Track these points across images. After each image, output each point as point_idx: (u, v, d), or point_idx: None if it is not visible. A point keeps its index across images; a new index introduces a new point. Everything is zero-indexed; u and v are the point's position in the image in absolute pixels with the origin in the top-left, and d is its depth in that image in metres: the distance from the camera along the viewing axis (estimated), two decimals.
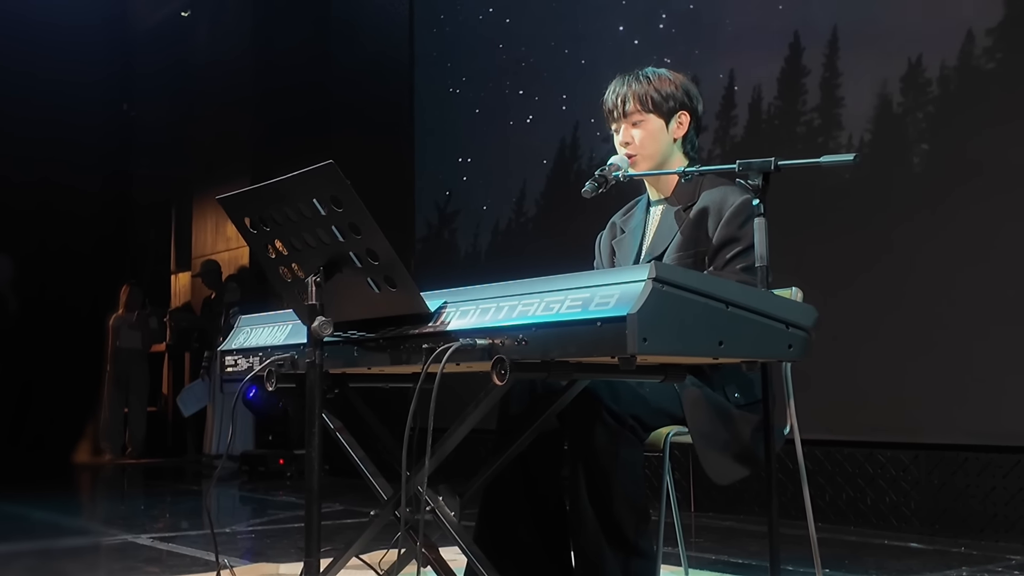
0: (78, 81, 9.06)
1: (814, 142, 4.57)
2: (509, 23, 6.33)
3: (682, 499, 4.70)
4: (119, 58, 10.18)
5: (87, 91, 9.40)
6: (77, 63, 9.00)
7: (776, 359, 1.87)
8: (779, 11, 4.77)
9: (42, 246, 8.66)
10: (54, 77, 8.91)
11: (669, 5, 5.26)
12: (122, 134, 10.53)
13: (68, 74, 8.95)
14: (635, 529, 2.13)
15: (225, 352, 2.40)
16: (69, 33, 9.02)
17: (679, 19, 5.20)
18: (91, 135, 9.47)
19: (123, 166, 10.44)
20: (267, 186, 1.94)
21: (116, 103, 10.41)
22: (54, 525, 4.78)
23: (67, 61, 8.96)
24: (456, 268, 6.47)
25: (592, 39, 5.62)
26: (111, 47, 9.77)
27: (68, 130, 8.87)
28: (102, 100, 9.65)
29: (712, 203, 2.36)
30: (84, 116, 9.28)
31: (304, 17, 8.41)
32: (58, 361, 8.79)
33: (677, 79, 2.50)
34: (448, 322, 1.82)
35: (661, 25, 5.28)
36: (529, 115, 6.09)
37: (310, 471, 1.93)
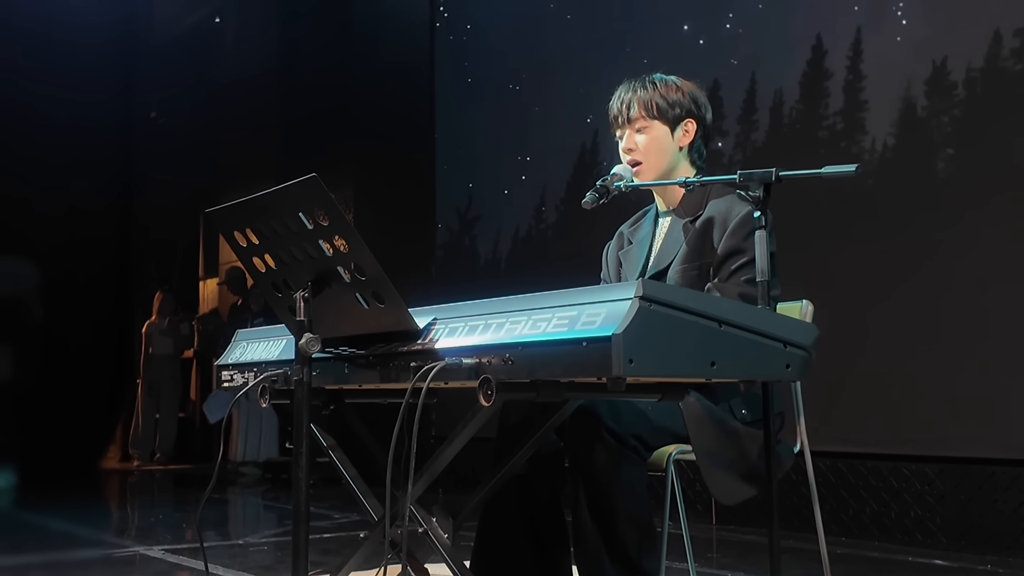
0: (106, 88, 9.13)
1: (836, 147, 4.48)
2: (527, 31, 6.28)
3: (703, 512, 4.66)
4: (147, 66, 10.25)
5: (115, 98, 9.46)
6: (104, 70, 9.06)
7: (773, 379, 1.80)
8: (800, 13, 4.67)
9: (70, 252, 8.71)
10: (81, 84, 8.97)
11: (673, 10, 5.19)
12: (150, 141, 10.59)
13: (95, 81, 9.02)
14: (639, 548, 2.07)
15: (221, 367, 2.37)
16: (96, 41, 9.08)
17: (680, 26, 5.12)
18: (119, 142, 9.54)
19: (151, 173, 10.50)
20: (253, 199, 1.90)
21: (144, 111, 10.48)
22: (69, 535, 4.78)
23: (95, 68, 9.02)
24: (476, 275, 6.43)
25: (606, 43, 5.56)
26: (138, 55, 9.83)
27: (95, 136, 8.94)
28: (130, 108, 9.71)
29: (718, 213, 2.29)
30: (112, 123, 9.34)
31: (327, 29, 8.43)
32: (86, 367, 8.84)
33: (685, 86, 2.43)
34: (437, 340, 1.78)
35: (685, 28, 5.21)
36: (549, 122, 6.03)
37: (297, 490, 1.88)
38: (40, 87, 8.65)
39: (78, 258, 8.79)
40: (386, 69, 7.60)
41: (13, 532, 5.22)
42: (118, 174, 9.39)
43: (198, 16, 10.63)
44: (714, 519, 4.62)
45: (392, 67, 7.55)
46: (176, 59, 10.64)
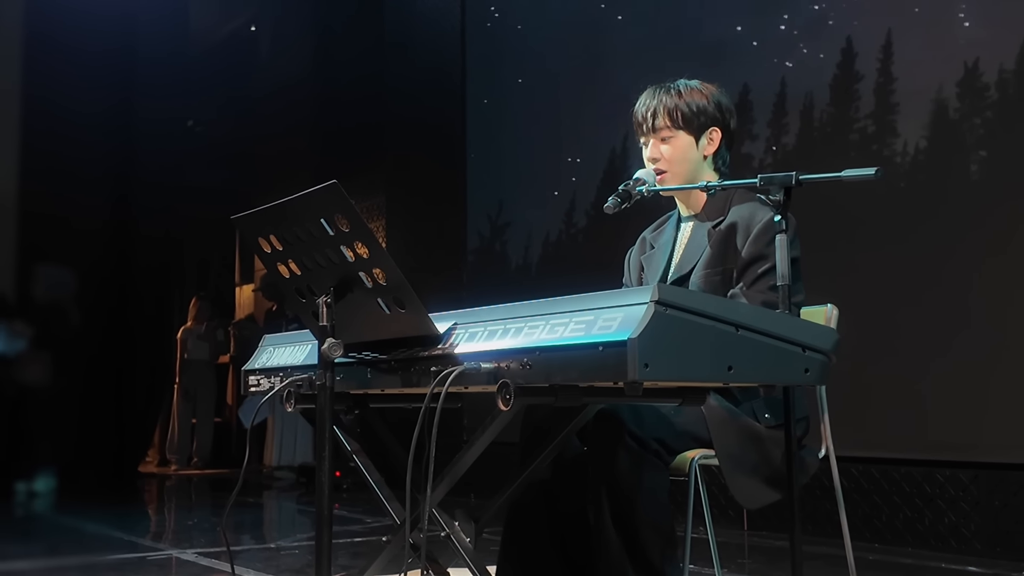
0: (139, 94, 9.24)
1: (868, 150, 4.44)
2: (558, 38, 6.29)
3: (735, 518, 4.63)
4: (183, 75, 10.37)
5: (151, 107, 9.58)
6: (142, 79, 9.18)
7: (791, 384, 1.79)
8: (830, 15, 4.64)
9: (106, 259, 8.83)
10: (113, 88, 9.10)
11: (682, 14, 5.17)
12: (187, 150, 10.72)
13: (129, 85, 9.13)
14: (661, 554, 2.07)
15: (248, 372, 2.39)
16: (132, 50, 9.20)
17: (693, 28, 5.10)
18: (156, 150, 9.65)
19: (188, 181, 10.63)
20: (277, 206, 1.92)
21: (181, 119, 10.60)
22: (105, 538, 4.84)
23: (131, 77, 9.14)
24: (507, 280, 6.44)
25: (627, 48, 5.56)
26: (175, 65, 9.94)
27: (131, 144, 9.05)
28: (167, 116, 9.83)
29: (741, 219, 2.28)
30: (149, 131, 9.46)
31: (361, 38, 8.49)
32: (124, 372, 8.95)
33: (709, 92, 2.42)
34: (457, 344, 1.79)
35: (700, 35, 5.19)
36: (579, 127, 6.04)
37: (320, 495, 1.90)
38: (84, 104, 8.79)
39: (116, 265, 8.90)
40: (418, 77, 7.64)
41: (51, 535, 5.31)
42: (156, 181, 9.50)
43: (234, 25, 10.75)
44: (745, 525, 4.59)
45: (424, 75, 7.59)
46: (213, 69, 10.77)
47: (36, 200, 8.43)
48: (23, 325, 7.52)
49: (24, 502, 6.98)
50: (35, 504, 6.93)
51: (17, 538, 5.22)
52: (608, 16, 5.90)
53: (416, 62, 7.70)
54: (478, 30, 7.01)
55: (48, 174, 8.51)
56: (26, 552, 4.45)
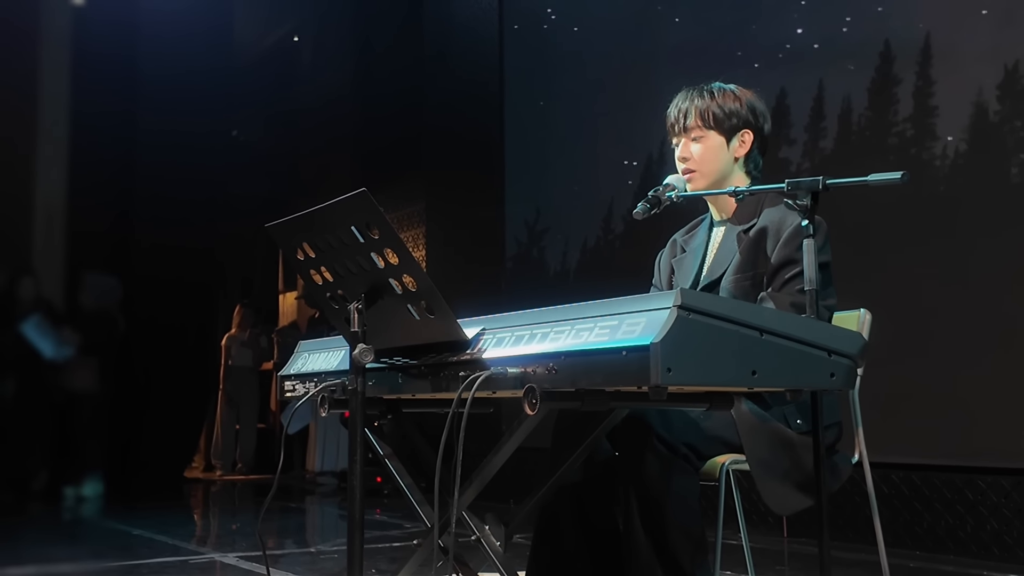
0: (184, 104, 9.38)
1: (907, 153, 4.40)
2: (594, 42, 6.30)
3: (774, 524, 4.60)
4: (227, 86, 10.52)
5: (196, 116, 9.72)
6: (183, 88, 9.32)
7: (817, 388, 1.79)
8: (869, 19, 4.61)
9: (151, 267, 8.98)
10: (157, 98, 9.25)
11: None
12: (231, 159, 10.87)
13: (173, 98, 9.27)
14: (691, 559, 2.07)
15: (284, 377, 2.43)
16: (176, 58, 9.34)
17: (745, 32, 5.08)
18: (200, 161, 9.79)
19: (232, 189, 10.77)
20: (308, 214, 1.96)
21: (225, 130, 10.75)
22: (148, 541, 4.92)
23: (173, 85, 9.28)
24: (545, 286, 6.45)
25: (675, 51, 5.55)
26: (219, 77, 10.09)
27: (176, 155, 9.19)
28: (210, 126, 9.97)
29: (771, 223, 2.28)
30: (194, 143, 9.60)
31: (400, 46, 8.57)
32: (169, 379, 9.09)
33: (743, 96, 2.42)
34: (484, 349, 1.81)
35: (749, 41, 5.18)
36: (616, 133, 6.04)
37: (352, 499, 1.93)
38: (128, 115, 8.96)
39: (161, 273, 9.05)
40: (457, 85, 7.70)
41: (97, 539, 5.40)
42: (200, 190, 9.64)
43: (277, 35, 10.90)
44: (785, 531, 4.57)
45: (463, 83, 7.64)
46: (255, 79, 10.92)
47: (84, 210, 8.61)
48: (71, 332, 7.66)
49: (72, 506, 7.11)
50: (83, 508, 7.05)
51: (64, 541, 5.32)
52: (645, 22, 5.90)
53: (455, 70, 7.75)
54: (516, 38, 7.04)
55: (95, 185, 8.68)
56: (71, 555, 4.54)
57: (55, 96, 9.00)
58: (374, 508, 6.50)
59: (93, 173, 8.68)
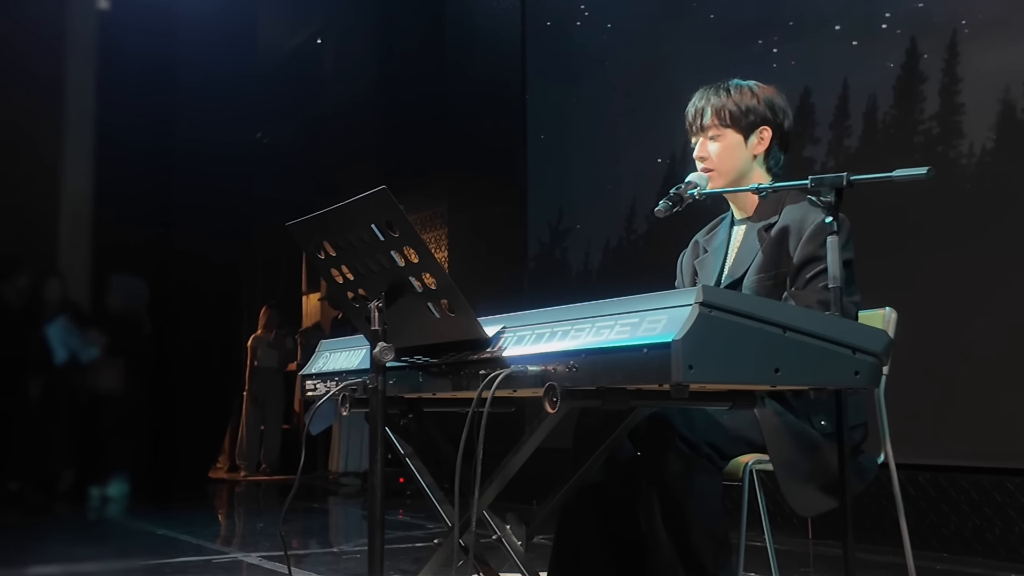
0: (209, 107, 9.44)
1: (933, 151, 4.35)
2: (616, 43, 6.29)
3: (799, 526, 4.56)
4: (250, 89, 10.58)
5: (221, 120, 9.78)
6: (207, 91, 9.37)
7: (841, 386, 1.76)
8: (895, 16, 4.57)
9: (176, 269, 9.04)
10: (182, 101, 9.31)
11: None
12: (255, 161, 10.93)
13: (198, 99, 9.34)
14: (714, 559, 2.05)
15: (305, 376, 2.43)
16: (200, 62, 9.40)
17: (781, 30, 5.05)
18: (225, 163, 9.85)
19: (255, 192, 10.83)
20: (329, 212, 1.95)
21: (249, 132, 10.81)
22: (174, 542, 4.95)
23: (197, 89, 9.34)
24: (568, 286, 6.44)
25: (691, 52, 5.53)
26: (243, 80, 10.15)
27: (200, 156, 9.25)
28: (235, 130, 10.03)
29: (793, 221, 2.25)
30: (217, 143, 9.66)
31: (422, 47, 8.59)
32: (194, 380, 9.14)
33: (761, 93, 2.39)
34: (505, 348, 1.80)
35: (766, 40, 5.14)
36: (638, 133, 6.02)
37: (373, 498, 1.92)
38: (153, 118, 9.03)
39: (187, 275, 9.11)
40: (479, 86, 7.70)
41: (122, 539, 5.44)
42: (224, 192, 9.70)
43: (300, 40, 10.94)
44: (810, 533, 4.53)
45: (485, 84, 7.64)
46: (279, 81, 10.97)
47: (110, 212, 8.68)
48: (97, 334, 7.72)
49: (97, 506, 7.16)
50: (108, 508, 7.10)
51: (89, 541, 5.35)
52: (667, 22, 5.88)
53: (478, 72, 7.75)
54: (538, 40, 7.03)
55: (120, 187, 8.74)
56: (96, 554, 4.57)
57: (81, 100, 9.08)
58: (396, 509, 6.51)
59: (119, 176, 8.74)
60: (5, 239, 8.27)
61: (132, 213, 8.75)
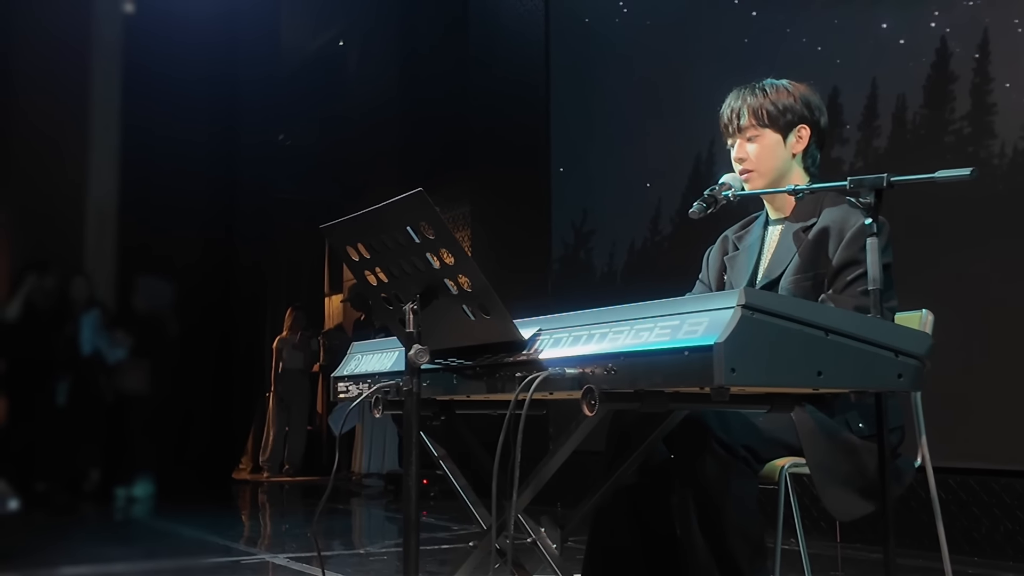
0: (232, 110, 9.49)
1: (963, 152, 4.31)
2: (641, 42, 6.26)
3: (827, 529, 4.53)
4: (274, 92, 10.63)
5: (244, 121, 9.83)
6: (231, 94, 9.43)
7: (884, 389, 1.74)
8: (924, 16, 4.53)
9: (200, 271, 9.08)
10: (207, 105, 9.36)
11: None
12: (277, 163, 10.97)
13: (222, 102, 9.39)
14: (750, 563, 2.03)
15: (337, 379, 2.43)
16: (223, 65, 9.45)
17: None
18: (247, 163, 9.90)
19: (279, 194, 10.88)
20: (364, 215, 1.95)
21: (272, 135, 10.85)
22: (200, 542, 4.97)
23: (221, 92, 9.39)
24: (592, 288, 6.42)
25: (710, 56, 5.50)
26: (266, 82, 10.20)
27: (224, 157, 9.29)
28: (258, 130, 10.08)
29: (833, 223, 2.23)
30: (240, 145, 9.70)
31: (446, 48, 8.59)
32: (220, 381, 9.19)
33: (796, 91, 2.37)
34: (541, 350, 1.79)
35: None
36: (664, 133, 5.99)
37: (407, 500, 1.92)
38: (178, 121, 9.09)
39: (211, 277, 9.16)
40: (503, 87, 7.69)
41: (149, 539, 5.46)
42: (247, 195, 9.75)
43: (322, 43, 10.97)
44: (838, 536, 4.49)
45: (509, 85, 7.63)
46: (301, 84, 11.00)
47: (136, 214, 8.74)
48: (124, 335, 7.77)
49: (123, 506, 7.20)
50: (134, 508, 7.14)
51: (117, 541, 5.38)
52: (691, 22, 5.86)
53: (501, 73, 7.74)
54: (562, 40, 7.02)
55: (145, 189, 8.80)
56: (126, 555, 4.60)
57: (106, 102, 9.15)
58: (420, 510, 6.50)
59: (144, 179, 8.80)
60: (32, 241, 8.34)
61: (156, 215, 8.80)
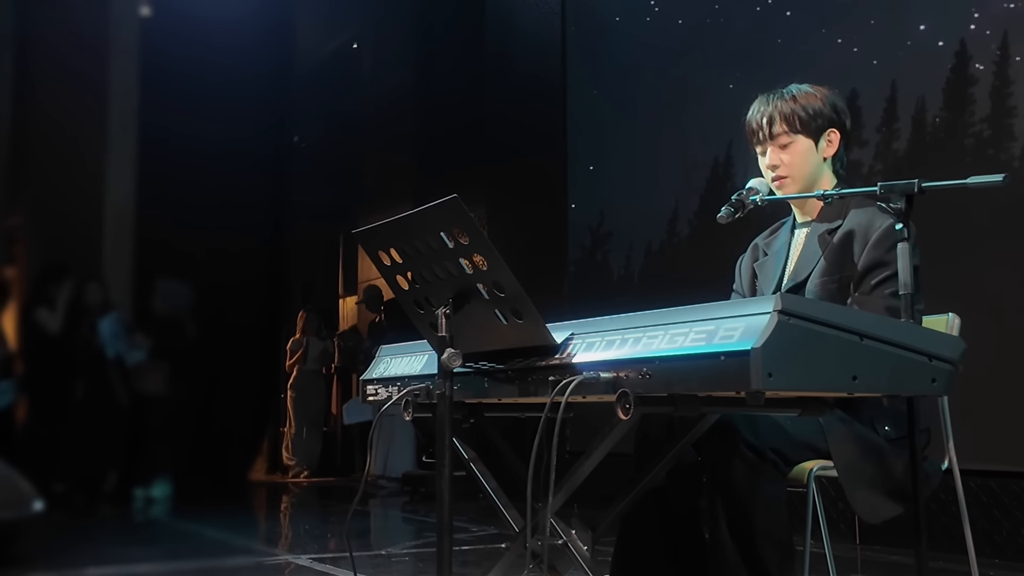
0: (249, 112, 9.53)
1: (983, 155, 4.31)
2: (659, 42, 6.27)
3: (846, 531, 4.53)
4: (288, 92, 10.67)
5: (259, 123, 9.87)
6: (247, 96, 9.47)
7: (917, 394, 1.76)
8: (943, 18, 4.53)
9: (216, 274, 9.13)
10: (224, 107, 9.41)
11: None
12: (292, 165, 11.01)
13: (239, 104, 9.43)
14: (779, 566, 2.05)
15: (366, 381, 2.46)
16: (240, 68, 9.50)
17: None
18: (263, 165, 9.94)
19: (293, 195, 10.92)
20: (397, 220, 1.97)
21: (287, 135, 10.90)
22: (223, 543, 5.00)
23: (237, 94, 9.44)
24: (609, 290, 6.43)
25: None
26: (282, 84, 10.25)
27: (238, 159, 9.34)
28: (272, 132, 10.13)
29: (858, 226, 2.24)
30: (255, 146, 9.74)
31: (461, 50, 8.60)
32: (234, 383, 9.23)
33: (823, 94, 2.39)
34: (574, 354, 1.81)
35: None
36: (681, 135, 6.00)
37: (440, 503, 1.94)
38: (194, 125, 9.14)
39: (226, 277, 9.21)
40: (518, 89, 7.71)
41: (172, 540, 5.49)
42: (263, 197, 9.80)
43: (337, 44, 11.01)
44: (858, 538, 4.50)
45: (524, 87, 7.64)
46: (316, 85, 11.04)
47: (153, 216, 8.79)
48: (142, 337, 7.82)
49: (142, 508, 7.24)
50: (152, 509, 7.18)
51: (141, 542, 5.41)
52: (711, 22, 5.86)
53: (517, 75, 7.76)
54: (578, 41, 7.03)
55: (163, 191, 8.86)
56: (149, 556, 4.63)
57: (124, 105, 9.20)
58: (453, 510, 6.51)
59: (162, 180, 8.85)
60: (50, 243, 8.39)
61: (174, 216, 8.86)
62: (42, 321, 7.46)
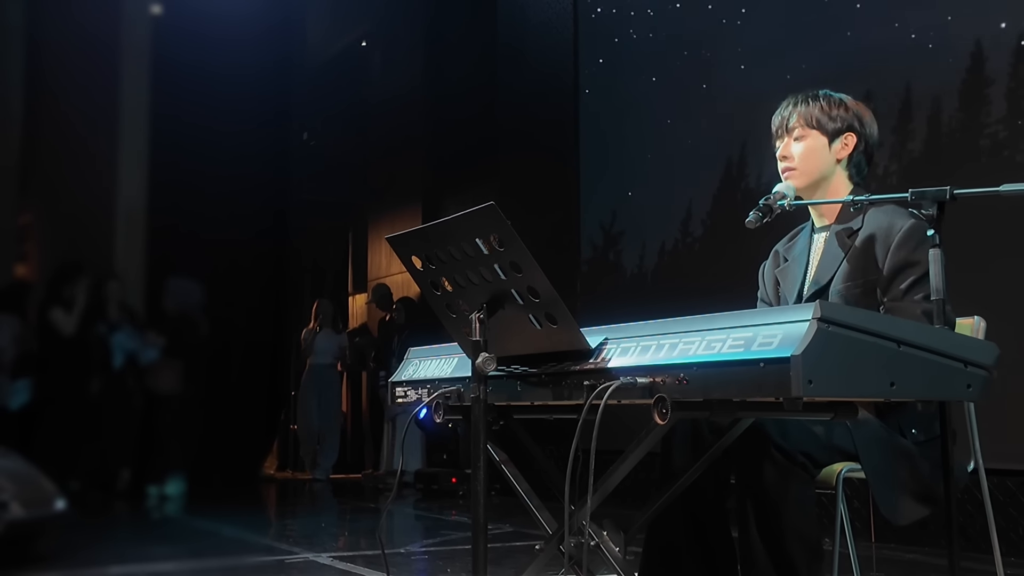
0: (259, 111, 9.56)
1: (999, 156, 4.32)
2: (672, 41, 6.28)
3: (861, 529, 4.55)
4: (299, 91, 10.69)
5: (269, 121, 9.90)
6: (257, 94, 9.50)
7: (953, 400, 1.78)
8: (959, 19, 4.54)
9: (227, 271, 9.17)
10: (234, 106, 9.44)
11: None
12: (301, 162, 11.03)
13: (249, 103, 9.46)
14: (808, 567, 2.07)
15: (395, 384, 2.48)
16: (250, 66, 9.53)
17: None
18: (273, 163, 9.97)
19: (303, 193, 10.94)
20: (432, 226, 2.00)
21: (297, 133, 10.92)
22: (241, 541, 5.03)
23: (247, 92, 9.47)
24: (622, 290, 6.44)
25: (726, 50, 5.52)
26: (292, 82, 10.27)
27: (249, 158, 9.37)
28: (282, 130, 10.15)
29: (879, 228, 2.26)
30: (265, 144, 9.77)
31: (472, 45, 8.61)
32: (246, 380, 9.26)
33: (852, 105, 2.42)
34: (609, 359, 1.83)
35: None
36: (695, 135, 6.01)
37: (476, 503, 1.97)
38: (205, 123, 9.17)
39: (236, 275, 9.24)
40: (530, 86, 7.72)
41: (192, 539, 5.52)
42: (273, 195, 9.83)
43: (346, 42, 11.03)
44: (873, 537, 4.52)
45: (536, 85, 7.65)
46: (326, 82, 11.06)
47: (165, 214, 8.83)
48: (155, 335, 7.85)
49: (156, 505, 7.28)
50: (165, 507, 7.21)
51: (157, 540, 5.44)
52: (724, 21, 5.87)
53: (528, 73, 7.76)
54: (591, 40, 7.04)
55: (174, 190, 8.90)
56: (169, 554, 4.66)
57: (135, 104, 9.24)
58: (450, 510, 6.55)
59: (173, 180, 8.89)
60: (63, 242, 8.44)
61: (185, 215, 8.89)
62: (57, 321, 7.50)
